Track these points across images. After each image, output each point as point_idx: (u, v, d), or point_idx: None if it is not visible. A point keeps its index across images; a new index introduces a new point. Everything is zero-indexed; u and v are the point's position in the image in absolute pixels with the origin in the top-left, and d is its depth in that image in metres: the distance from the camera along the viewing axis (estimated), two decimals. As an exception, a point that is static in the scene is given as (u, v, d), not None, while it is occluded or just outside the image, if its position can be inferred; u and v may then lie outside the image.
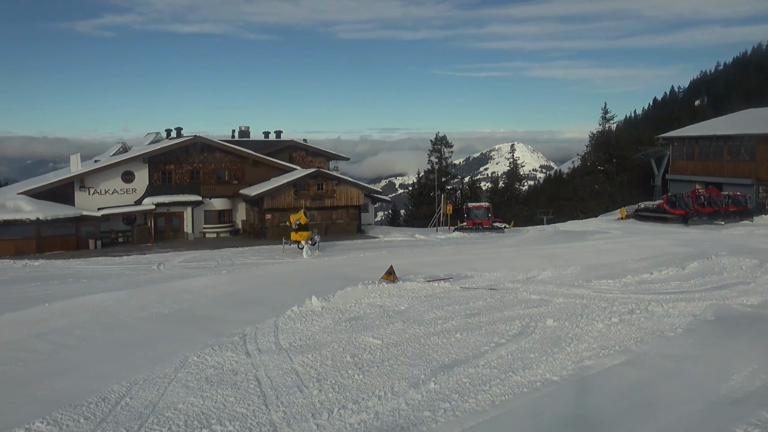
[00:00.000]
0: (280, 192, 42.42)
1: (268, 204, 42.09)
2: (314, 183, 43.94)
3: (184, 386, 9.80)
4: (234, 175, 45.49)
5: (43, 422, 8.39)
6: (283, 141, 54.10)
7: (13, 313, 16.04)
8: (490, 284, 18.67)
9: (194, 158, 44.28)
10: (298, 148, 53.86)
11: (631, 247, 28.59)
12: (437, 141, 69.22)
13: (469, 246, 34.70)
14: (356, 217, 45.77)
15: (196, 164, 44.32)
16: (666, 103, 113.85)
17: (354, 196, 45.16)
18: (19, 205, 36.81)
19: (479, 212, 47.21)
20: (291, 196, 42.77)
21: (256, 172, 45.69)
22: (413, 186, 78.52)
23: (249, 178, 45.38)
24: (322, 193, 44.03)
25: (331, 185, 44.34)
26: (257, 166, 45.83)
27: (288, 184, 42.84)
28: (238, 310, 16.15)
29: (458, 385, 9.42)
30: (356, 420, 8.21)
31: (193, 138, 44.25)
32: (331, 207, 44.36)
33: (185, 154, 44.02)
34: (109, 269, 29.33)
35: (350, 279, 19.51)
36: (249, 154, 45.70)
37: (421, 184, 71.03)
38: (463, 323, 13.36)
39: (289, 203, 42.39)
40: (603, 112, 69.99)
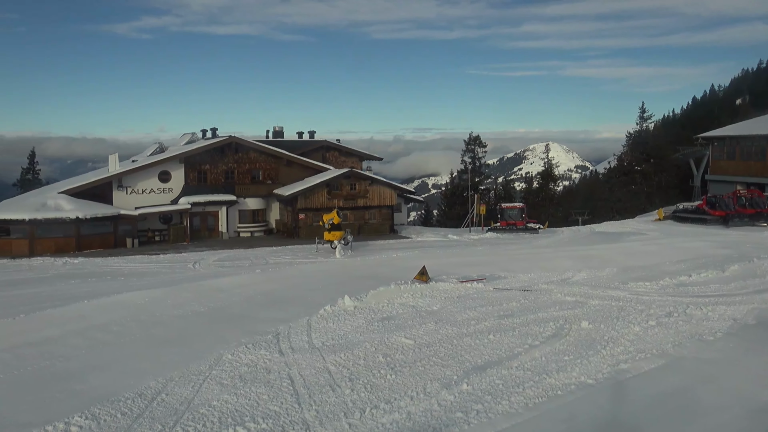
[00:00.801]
0: (314, 192, 42.66)
1: (301, 204, 42.36)
2: (347, 183, 44.08)
3: (219, 383, 9.91)
4: (268, 174, 45.88)
5: (81, 416, 8.56)
6: (316, 141, 54.39)
7: (54, 309, 16.43)
8: (523, 285, 18.48)
9: (229, 158, 44.78)
10: (331, 148, 54.08)
11: (669, 249, 28.04)
12: (471, 141, 68.86)
13: (503, 247, 34.41)
14: (389, 217, 45.77)
15: (230, 164, 44.82)
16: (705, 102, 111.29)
17: (387, 196, 45.17)
18: (59, 204, 37.70)
19: (513, 213, 46.81)
20: (324, 196, 42.97)
21: (289, 172, 46.03)
22: (446, 186, 78.21)
23: (283, 178, 45.73)
24: (355, 193, 44.13)
25: (364, 185, 44.42)
26: (291, 166, 46.17)
27: (321, 183, 43.06)
28: (272, 308, 16.27)
29: (491, 386, 9.34)
30: (388, 420, 8.19)
31: (228, 138, 44.77)
32: (363, 207, 44.44)
33: (220, 154, 44.56)
34: (146, 267, 29.85)
35: (383, 279, 19.51)
36: (283, 154, 46.05)
37: (454, 185, 70.73)
38: (496, 324, 13.25)
39: (323, 203, 42.61)
40: (640, 112, 68.90)
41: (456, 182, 70.25)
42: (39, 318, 15.39)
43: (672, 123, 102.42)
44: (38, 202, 38.15)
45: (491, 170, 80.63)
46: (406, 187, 56.05)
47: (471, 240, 40.32)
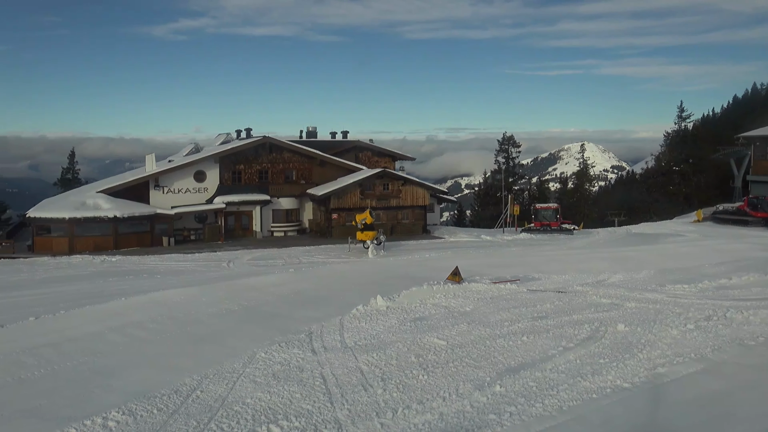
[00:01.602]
0: (347, 192, 42.79)
1: (334, 203, 42.54)
2: (380, 183, 44.12)
3: (252, 381, 10.00)
4: (301, 174, 46.18)
5: (119, 412, 8.72)
6: (349, 141, 54.56)
7: (93, 306, 16.81)
8: (558, 287, 18.27)
9: (263, 158, 45.19)
10: (364, 149, 54.19)
11: (709, 251, 27.44)
12: (504, 141, 68.34)
13: (537, 248, 34.09)
14: (422, 217, 45.68)
15: (264, 164, 45.23)
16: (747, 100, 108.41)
17: (419, 196, 45.09)
18: (98, 203, 38.50)
19: (547, 213, 46.35)
20: (357, 196, 43.08)
21: (323, 172, 46.26)
22: (479, 186, 77.80)
23: (316, 178, 45.99)
24: (387, 193, 44.15)
25: (396, 185, 44.41)
26: (324, 166, 46.40)
27: (354, 183, 43.18)
28: (305, 308, 16.37)
29: (524, 388, 9.24)
30: (420, 420, 8.16)
31: (262, 138, 45.19)
32: (396, 207, 44.43)
33: (254, 154, 44.99)
34: (182, 266, 30.30)
35: (415, 279, 19.48)
36: (316, 154, 46.30)
37: (487, 185, 70.33)
38: (530, 326, 13.12)
39: (355, 203, 42.72)
40: (679, 111, 67.57)
41: (489, 182, 69.83)
42: (79, 314, 15.76)
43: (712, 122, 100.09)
44: (78, 201, 39.01)
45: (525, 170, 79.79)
46: (439, 187, 55.84)
47: (504, 241, 40.03)
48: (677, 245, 31.67)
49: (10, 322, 14.93)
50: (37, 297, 21.07)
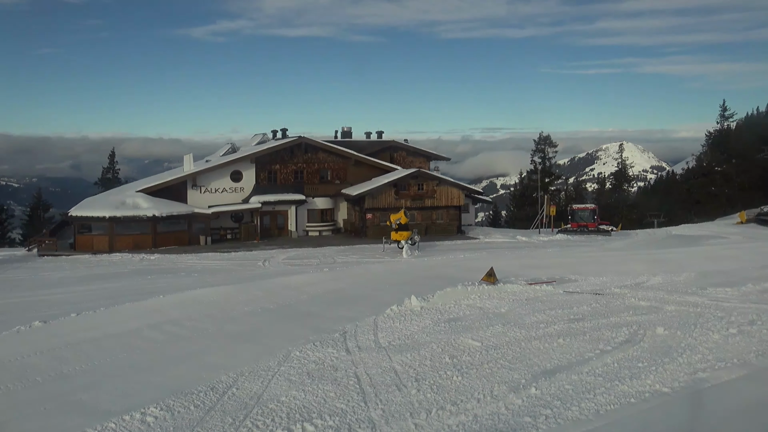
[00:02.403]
0: (381, 192, 42.84)
1: (369, 203, 42.61)
2: (415, 183, 44.05)
3: (287, 380, 10.07)
4: (336, 174, 46.38)
5: (157, 408, 8.87)
6: (384, 141, 54.61)
7: (132, 303, 17.15)
8: (595, 289, 17.99)
9: (298, 158, 45.52)
10: (398, 149, 54.19)
11: (752, 254, 26.72)
12: (541, 141, 67.65)
13: (574, 249, 33.65)
14: (456, 217, 45.48)
15: (300, 164, 45.55)
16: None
17: (454, 196, 44.89)
18: (137, 202, 39.25)
19: (584, 214, 45.77)
20: (391, 196, 43.08)
21: (357, 172, 46.40)
22: (515, 186, 77.16)
23: (351, 178, 46.14)
24: (422, 193, 44.06)
25: (431, 185, 44.30)
26: (359, 166, 46.53)
27: (389, 184, 43.20)
28: (339, 307, 16.43)
29: (560, 391, 9.11)
30: (455, 422, 8.11)
31: (297, 139, 45.52)
32: (431, 207, 44.32)
33: (290, 154, 45.35)
34: (218, 264, 30.70)
35: (450, 280, 19.40)
36: (351, 154, 46.46)
37: (523, 185, 69.70)
38: (566, 328, 12.94)
39: (390, 203, 42.73)
40: (721, 110, 66.05)
41: (525, 183, 69.19)
42: (118, 311, 16.09)
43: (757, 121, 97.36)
44: (117, 200, 39.82)
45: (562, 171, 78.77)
46: (474, 187, 55.55)
47: (540, 242, 39.61)
48: (719, 247, 30.93)
49: (52, 318, 15.33)
50: (79, 294, 21.58)
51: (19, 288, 24.26)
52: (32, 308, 18.64)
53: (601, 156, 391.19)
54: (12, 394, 9.81)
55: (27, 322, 14.92)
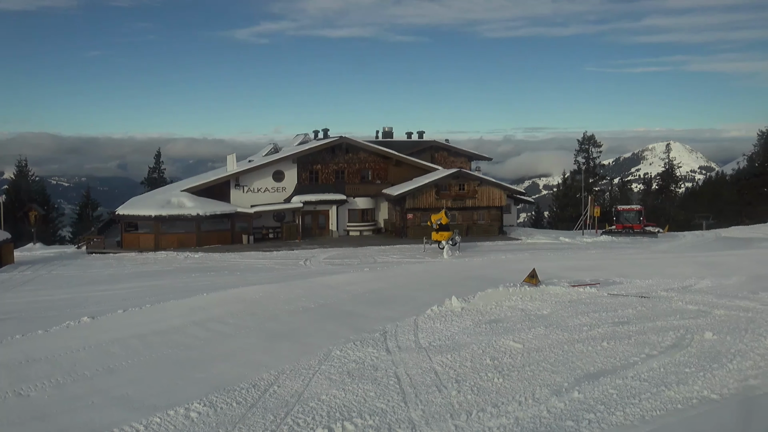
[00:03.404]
0: (422, 192, 42.74)
1: (409, 203, 42.56)
2: (456, 183, 43.83)
3: (327, 378, 10.12)
4: (377, 174, 46.45)
5: (200, 403, 9.02)
6: (425, 141, 54.48)
7: (177, 300, 17.48)
8: (641, 292, 17.61)
9: (340, 158, 45.74)
10: (440, 149, 54.00)
11: (806, 257, 25.79)
12: (585, 140, 66.59)
13: (618, 251, 33.02)
14: (498, 218, 45.09)
15: (341, 164, 45.76)
16: None
17: (496, 196, 44.52)
18: (182, 201, 39.98)
19: (630, 215, 44.90)
20: (432, 196, 42.96)
21: (398, 172, 46.37)
22: (558, 187, 76.08)
23: (391, 178, 46.15)
24: (463, 193, 43.81)
25: (472, 185, 44.01)
26: (400, 166, 46.50)
27: (430, 184, 43.06)
28: (379, 307, 16.45)
29: (604, 396, 8.94)
30: (495, 424, 8.03)
31: (338, 139, 45.74)
32: (472, 207, 44.03)
33: (331, 154, 45.60)
34: (261, 263, 31.07)
35: (491, 281, 19.25)
36: (392, 154, 46.47)
37: (566, 185, 68.67)
38: (611, 331, 12.69)
39: (431, 203, 42.60)
40: (774, 108, 63.85)
41: (569, 183, 68.16)
42: (163, 308, 16.43)
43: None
44: (163, 199, 40.63)
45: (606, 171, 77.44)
46: (515, 187, 54.90)
47: (584, 243, 38.99)
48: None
49: (100, 314, 15.73)
50: (125, 291, 22.10)
51: (69, 284, 24.98)
52: (81, 304, 19.18)
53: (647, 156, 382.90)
54: (61, 388, 10.09)
55: (76, 317, 15.36)
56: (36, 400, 9.52)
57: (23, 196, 52.20)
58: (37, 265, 31.95)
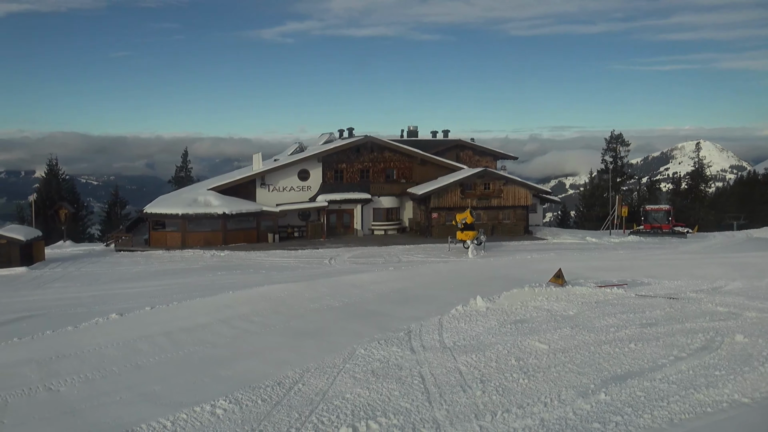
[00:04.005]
0: (447, 191, 42.61)
1: (434, 203, 42.46)
2: (481, 182, 43.61)
3: (352, 377, 10.14)
4: (402, 173, 46.41)
5: (226, 400, 9.10)
6: (450, 140, 54.31)
7: (203, 298, 17.65)
8: (669, 293, 17.35)
9: (364, 157, 45.78)
10: (465, 148, 53.79)
11: (841, 259, 25.19)
12: (612, 139, 65.75)
13: (647, 251, 32.59)
14: (523, 217, 44.78)
15: (366, 163, 45.79)
16: None
17: (522, 196, 44.21)
18: (208, 200, 40.35)
19: (658, 215, 44.27)
20: (457, 195, 42.80)
21: (423, 171, 46.29)
22: (585, 186, 75.28)
23: (416, 177, 46.08)
24: (488, 192, 43.58)
25: (498, 185, 43.76)
26: (424, 165, 46.41)
27: (455, 183, 42.92)
28: (404, 306, 16.44)
29: (631, 398, 8.82)
30: (520, 425, 7.98)
31: (363, 138, 45.79)
32: (497, 207, 43.77)
33: (356, 153, 45.67)
34: (286, 262, 31.24)
35: (516, 281, 19.12)
36: (417, 153, 46.40)
37: (593, 185, 67.89)
38: (638, 333, 12.53)
39: (456, 202, 42.45)
40: (808, 106, 62.48)
41: (595, 182, 67.37)
42: (190, 306, 16.60)
43: None
44: (190, 198, 41.04)
45: (634, 170, 76.32)
46: (541, 187, 54.49)
47: (611, 243, 38.55)
48: (804, 251, 29.31)
49: (128, 311, 15.95)
50: (153, 288, 22.38)
51: (98, 282, 25.37)
52: (109, 301, 19.47)
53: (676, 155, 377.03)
54: (90, 383, 10.26)
55: (105, 314, 15.60)
56: (66, 396, 9.69)
57: (54, 195, 53.09)
58: (67, 263, 32.51)
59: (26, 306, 19.01)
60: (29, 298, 21.11)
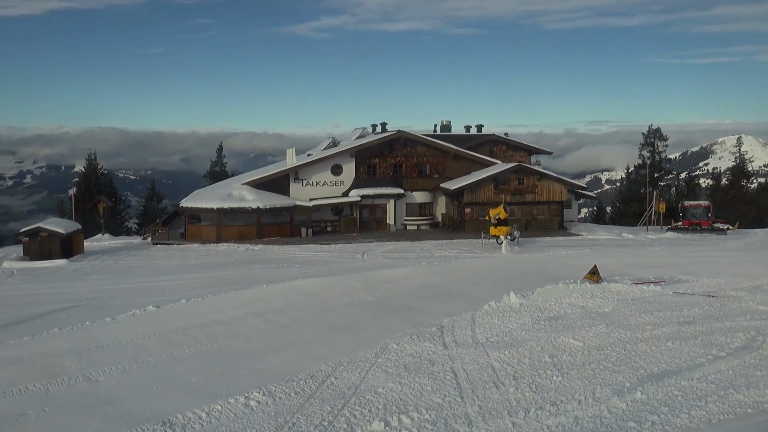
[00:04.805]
0: (480, 186, 42.34)
1: (467, 198, 42.24)
2: (515, 177, 43.24)
3: (384, 371, 10.15)
4: (435, 168, 46.25)
5: (259, 392, 9.19)
6: (483, 135, 53.94)
7: (237, 292, 17.85)
8: (708, 291, 16.98)
9: (397, 152, 45.73)
10: (498, 142, 53.38)
11: None
12: (650, 134, 64.55)
13: (685, 248, 31.94)
14: (558, 213, 44.27)
15: (399, 158, 45.75)
16: None
17: (556, 191, 43.71)
18: (243, 194, 40.78)
19: (697, 211, 43.34)
20: (491, 191, 42.50)
21: (456, 166, 46.07)
22: (621, 182, 74.11)
23: (449, 172, 45.88)
24: (522, 187, 43.18)
25: (532, 180, 43.34)
26: (458, 160, 46.19)
27: (488, 178, 42.62)
28: (436, 301, 16.40)
29: (668, 397, 8.66)
30: (554, 422, 7.89)
31: (396, 133, 45.74)
32: (531, 202, 43.36)
33: (389, 148, 45.64)
34: (319, 256, 31.41)
35: (550, 277, 18.92)
36: (450, 148, 46.19)
37: (630, 180, 66.80)
38: (676, 331, 12.29)
39: (489, 197, 42.15)
40: None
41: (632, 178, 66.25)
42: (225, 299, 16.80)
43: None
44: (225, 192, 41.52)
45: (672, 165, 74.82)
46: (576, 182, 53.67)
47: (648, 240, 37.89)
48: None
49: (164, 304, 16.21)
50: (188, 281, 22.72)
51: (135, 274, 25.85)
52: (146, 293, 19.82)
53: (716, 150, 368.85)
54: (128, 374, 10.46)
55: (142, 306, 15.88)
56: (104, 385, 9.90)
57: (93, 189, 54.24)
58: (105, 255, 33.20)
59: (66, 297, 19.48)
60: (69, 290, 21.62)
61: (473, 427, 7.86)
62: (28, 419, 8.56)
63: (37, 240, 32.00)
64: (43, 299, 19.31)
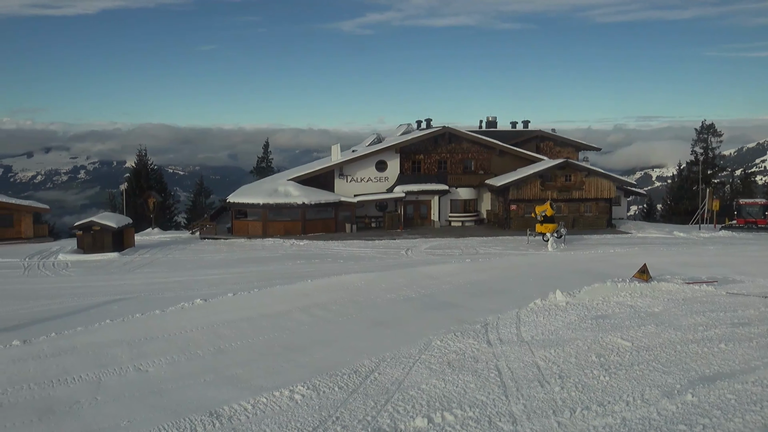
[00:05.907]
0: (526, 182, 41.88)
1: (513, 194, 41.83)
2: (561, 174, 42.61)
3: (427, 368, 10.12)
4: (480, 165, 45.93)
5: (304, 386, 9.27)
6: (530, 131, 53.30)
7: (282, 286, 18.08)
8: (763, 291, 16.41)
9: (442, 148, 45.57)
10: (545, 138, 52.68)
11: None
12: (703, 129, 62.77)
13: (739, 247, 30.97)
14: (606, 210, 43.46)
15: (443, 154, 45.58)
16: None
17: (604, 188, 42.91)
18: (288, 190, 41.25)
19: (753, 210, 41.98)
20: (537, 187, 41.99)
21: (501, 163, 45.66)
22: (673, 179, 72.25)
23: (495, 168, 45.51)
24: (569, 184, 42.53)
25: (579, 176, 42.64)
26: (503, 157, 45.77)
27: (534, 174, 42.12)
28: (480, 298, 16.28)
29: (721, 400, 8.40)
30: (601, 423, 7.74)
31: (441, 129, 45.57)
32: (579, 199, 42.68)
33: (434, 144, 45.52)
34: (363, 252, 31.54)
35: (598, 275, 18.58)
36: (495, 144, 45.80)
37: (682, 177, 65.07)
38: (729, 333, 11.91)
39: (535, 194, 41.66)
40: None
41: (684, 175, 64.54)
42: (270, 293, 17.03)
43: None
44: (270, 188, 42.07)
45: (727, 162, 72.77)
46: (626, 179, 52.58)
47: (700, 238, 36.87)
48: None
49: (212, 297, 16.53)
50: (235, 275, 23.11)
51: (184, 268, 26.42)
52: (194, 287, 20.25)
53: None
54: (176, 365, 10.69)
55: (190, 299, 16.22)
56: (154, 376, 10.13)
57: (143, 184, 55.61)
58: (155, 249, 34.02)
59: (118, 289, 20.05)
60: (120, 282, 22.25)
61: (518, 426, 7.77)
62: (81, 407, 8.82)
63: (90, 233, 33.03)
64: (95, 291, 19.92)
